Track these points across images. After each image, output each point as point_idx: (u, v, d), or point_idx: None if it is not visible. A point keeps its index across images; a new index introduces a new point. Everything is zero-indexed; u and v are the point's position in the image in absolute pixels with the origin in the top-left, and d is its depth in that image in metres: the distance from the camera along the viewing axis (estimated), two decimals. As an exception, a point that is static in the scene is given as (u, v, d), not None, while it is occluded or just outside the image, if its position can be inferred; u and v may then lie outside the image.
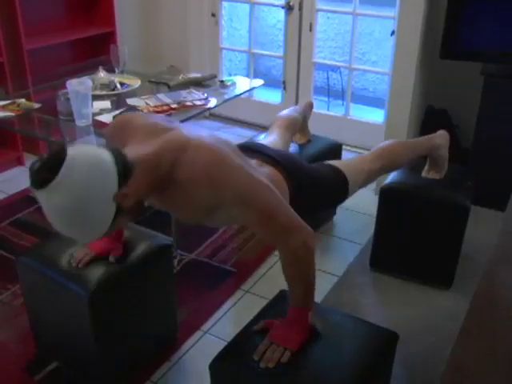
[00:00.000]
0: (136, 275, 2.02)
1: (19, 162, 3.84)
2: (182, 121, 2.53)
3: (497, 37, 3.13)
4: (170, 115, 2.50)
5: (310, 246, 1.57)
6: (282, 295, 1.88)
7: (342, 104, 5.67)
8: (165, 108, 2.50)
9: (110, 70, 2.94)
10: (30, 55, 3.64)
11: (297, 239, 1.55)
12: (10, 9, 3.50)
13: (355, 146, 4.05)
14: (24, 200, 3.34)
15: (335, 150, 3.07)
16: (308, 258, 1.58)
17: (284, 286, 1.87)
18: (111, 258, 1.96)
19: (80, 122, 2.37)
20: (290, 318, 1.65)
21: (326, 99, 6.28)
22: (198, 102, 2.62)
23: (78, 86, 2.37)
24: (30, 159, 3.87)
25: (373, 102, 5.42)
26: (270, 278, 2.68)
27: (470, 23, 3.11)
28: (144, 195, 1.50)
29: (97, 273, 1.92)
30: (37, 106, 2.61)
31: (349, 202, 3.32)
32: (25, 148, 3.85)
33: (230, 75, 5.17)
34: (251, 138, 3.05)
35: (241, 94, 2.93)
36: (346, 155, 3.41)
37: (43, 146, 3.68)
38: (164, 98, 2.62)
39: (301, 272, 1.60)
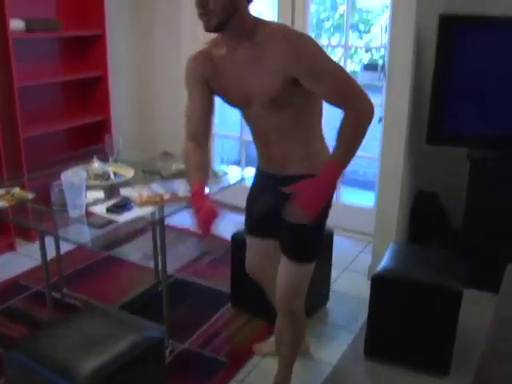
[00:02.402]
0: (126, 370, 1.98)
1: (11, 247, 3.82)
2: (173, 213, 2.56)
3: (480, 122, 3.24)
4: (162, 206, 2.55)
5: (373, 114, 1.85)
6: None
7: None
8: (157, 199, 2.53)
9: (104, 159, 2.99)
10: (26, 143, 3.71)
11: (365, 105, 1.85)
12: (9, 99, 3.60)
13: (347, 230, 4.09)
14: (15, 287, 3.31)
15: (326, 239, 3.04)
16: (368, 123, 1.85)
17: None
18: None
19: (73, 213, 2.40)
20: (325, 171, 1.88)
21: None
22: (190, 194, 2.64)
23: (72, 177, 2.41)
24: (22, 245, 3.86)
25: (363, 184, 5.49)
26: (263, 369, 2.62)
27: (454, 110, 3.23)
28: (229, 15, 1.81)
29: (87, 367, 1.89)
30: (31, 196, 2.64)
31: (341, 286, 3.35)
32: (17, 234, 3.85)
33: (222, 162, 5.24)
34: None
35: (233, 184, 2.99)
36: (338, 240, 3.43)
37: (35, 234, 3.69)
38: (157, 188, 2.65)
39: (356, 134, 1.86)
